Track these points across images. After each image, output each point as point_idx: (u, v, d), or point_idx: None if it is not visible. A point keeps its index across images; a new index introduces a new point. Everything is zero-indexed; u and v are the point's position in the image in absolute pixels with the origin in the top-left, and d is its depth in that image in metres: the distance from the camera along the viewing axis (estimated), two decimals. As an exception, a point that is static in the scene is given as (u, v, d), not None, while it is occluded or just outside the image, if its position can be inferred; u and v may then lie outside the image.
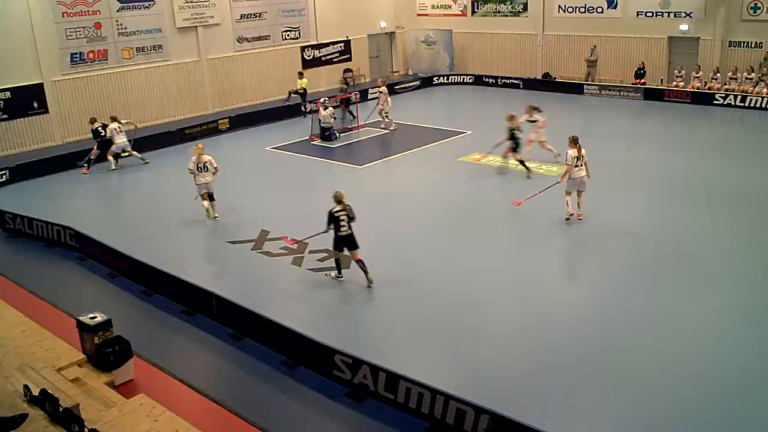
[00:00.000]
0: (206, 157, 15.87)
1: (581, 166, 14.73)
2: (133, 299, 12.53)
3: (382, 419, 8.79)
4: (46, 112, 23.77)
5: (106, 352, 9.57)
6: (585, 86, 29.16)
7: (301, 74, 28.36)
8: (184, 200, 17.28)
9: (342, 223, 12.09)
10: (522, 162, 18.23)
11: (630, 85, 28.31)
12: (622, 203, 16.04)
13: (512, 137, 18.17)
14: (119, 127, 20.54)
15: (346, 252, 12.43)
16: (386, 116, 24.10)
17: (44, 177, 20.29)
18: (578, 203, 15.03)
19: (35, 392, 7.33)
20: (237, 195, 17.70)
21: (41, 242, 15.29)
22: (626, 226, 14.65)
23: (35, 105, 23.56)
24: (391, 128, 24.09)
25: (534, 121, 19.09)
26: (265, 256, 13.90)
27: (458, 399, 8.27)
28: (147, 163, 21.10)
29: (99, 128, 20.59)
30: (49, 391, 7.34)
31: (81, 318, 9.95)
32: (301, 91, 27.77)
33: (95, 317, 9.89)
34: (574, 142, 14.77)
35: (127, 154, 21.02)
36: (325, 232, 12.38)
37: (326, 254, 13.66)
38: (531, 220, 15.29)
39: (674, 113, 25.31)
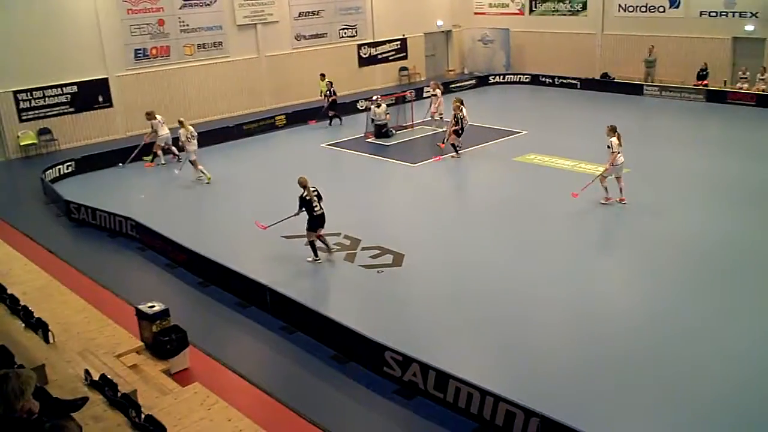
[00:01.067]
0: (191, 128, 18.74)
1: (621, 152, 15.50)
2: (190, 290, 12.81)
3: (431, 418, 8.80)
4: (111, 105, 24.51)
5: (163, 340, 9.80)
6: (645, 87, 28.55)
7: (323, 76, 26.12)
8: (239, 193, 17.60)
9: (314, 205, 13.06)
10: (455, 146, 20.34)
11: (691, 87, 27.57)
12: (682, 206, 15.69)
13: (457, 122, 20.13)
14: (162, 120, 20.96)
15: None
16: (440, 117, 24.08)
17: (108, 169, 20.88)
18: (620, 188, 15.71)
19: (95, 377, 7.55)
20: (292, 190, 17.88)
21: (104, 232, 15.74)
22: (684, 230, 14.31)
23: (100, 99, 24.32)
24: (443, 129, 23.97)
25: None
26: (319, 251, 14.03)
27: (508, 401, 8.22)
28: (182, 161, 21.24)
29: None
30: (109, 376, 7.55)
31: (140, 307, 10.21)
32: (329, 94, 25.46)
33: (153, 306, 10.13)
34: (613, 130, 15.61)
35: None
36: (296, 215, 13.29)
37: (378, 251, 13.75)
38: (584, 220, 15.13)
39: (738, 116, 24.56)
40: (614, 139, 15.46)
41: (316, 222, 13.20)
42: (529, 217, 15.60)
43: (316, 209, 13.10)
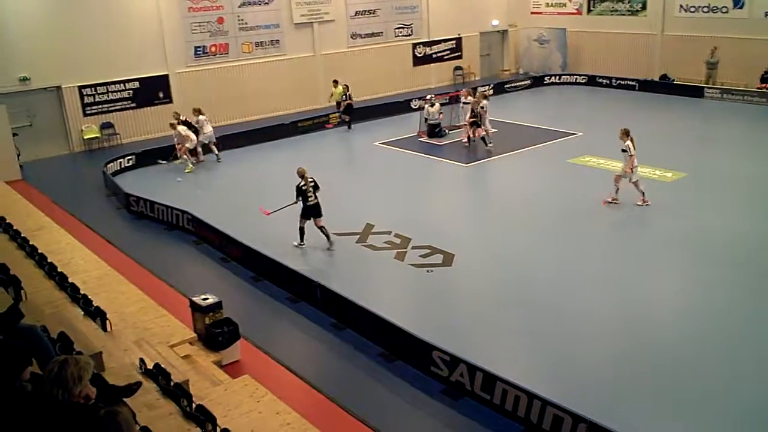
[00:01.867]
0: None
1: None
2: (242, 284, 13.05)
3: (477, 419, 8.77)
4: (170, 101, 25.05)
5: (215, 332, 10.01)
6: (705, 89, 27.76)
7: (336, 82, 25.47)
8: (293, 190, 17.79)
9: (309, 194, 13.79)
10: (483, 138, 21.02)
11: (755, 90, 26.68)
12: (738, 211, 15.26)
13: (474, 115, 20.86)
14: (206, 119, 21.17)
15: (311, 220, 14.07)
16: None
17: (167, 163, 21.30)
18: (617, 189, 15.81)
19: (149, 365, 7.78)
20: (343, 188, 18.04)
21: (161, 225, 16.14)
22: (734, 237, 13.92)
23: (160, 95, 24.91)
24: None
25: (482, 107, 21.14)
26: (369, 250, 14.12)
27: (556, 405, 8.15)
28: (220, 161, 21.36)
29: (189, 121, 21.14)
30: (162, 365, 7.77)
31: (194, 298, 10.47)
32: (343, 102, 25.15)
33: (207, 298, 10.37)
34: (626, 134, 15.66)
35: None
36: (295, 203, 13.96)
37: (428, 250, 13.76)
38: (631, 225, 14.83)
39: (805, 121, 23.72)
40: (629, 143, 15.44)
41: (308, 211, 13.92)
42: (581, 219, 15.36)
43: (309, 199, 13.83)
